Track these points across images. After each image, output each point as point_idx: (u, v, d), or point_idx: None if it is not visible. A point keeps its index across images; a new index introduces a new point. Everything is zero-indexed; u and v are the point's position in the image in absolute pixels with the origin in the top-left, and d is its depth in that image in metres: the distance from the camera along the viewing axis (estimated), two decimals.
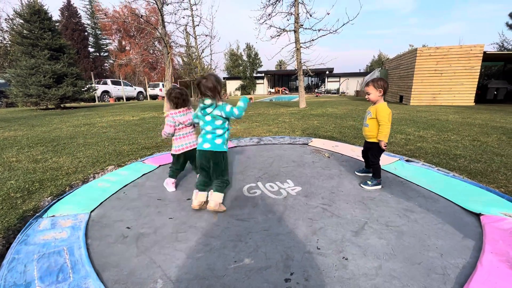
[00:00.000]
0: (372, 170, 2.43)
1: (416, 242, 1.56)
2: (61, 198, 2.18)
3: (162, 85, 22.33)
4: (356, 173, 2.71)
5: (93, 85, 13.84)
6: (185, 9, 11.32)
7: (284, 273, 1.33)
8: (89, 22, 33.35)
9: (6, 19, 18.68)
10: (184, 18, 11.81)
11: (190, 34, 12.53)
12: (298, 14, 9.00)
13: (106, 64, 35.00)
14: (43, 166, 3.05)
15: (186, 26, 11.91)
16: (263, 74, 32.86)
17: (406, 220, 1.82)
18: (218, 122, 1.91)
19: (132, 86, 21.79)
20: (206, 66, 13.68)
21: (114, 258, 1.47)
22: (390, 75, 14.18)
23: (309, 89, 33.08)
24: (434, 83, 10.46)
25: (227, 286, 1.25)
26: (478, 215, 1.82)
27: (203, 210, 2.02)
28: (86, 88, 11.90)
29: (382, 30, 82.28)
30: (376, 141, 2.31)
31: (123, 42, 34.18)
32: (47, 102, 10.54)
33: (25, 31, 10.35)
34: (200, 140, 1.98)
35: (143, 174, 2.78)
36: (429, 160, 3.12)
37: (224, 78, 34.08)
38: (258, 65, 34.45)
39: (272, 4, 9.39)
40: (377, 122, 2.27)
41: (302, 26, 9.21)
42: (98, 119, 7.35)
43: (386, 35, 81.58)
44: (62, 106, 11.29)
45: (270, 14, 9.51)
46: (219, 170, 1.96)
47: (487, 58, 10.74)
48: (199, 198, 2.03)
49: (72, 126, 6.17)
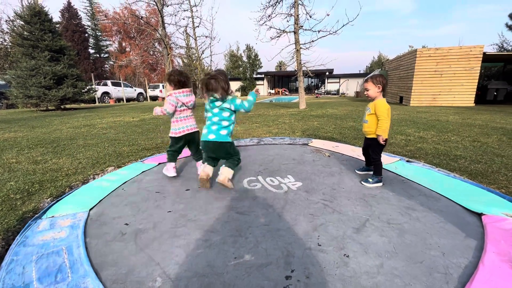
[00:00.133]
0: (373, 167, 2.43)
1: (418, 240, 1.55)
2: (60, 199, 2.17)
3: (162, 86, 22.38)
4: (356, 171, 2.70)
5: (93, 86, 13.85)
6: (185, 10, 11.38)
7: (284, 270, 1.32)
8: (89, 23, 33.45)
9: (6, 21, 18.75)
10: (184, 19, 11.89)
11: (190, 36, 12.58)
12: (298, 15, 9.03)
13: (106, 65, 35.07)
14: (43, 168, 3.04)
15: (186, 27, 11.97)
16: (263, 75, 32.92)
17: (408, 218, 1.80)
18: (226, 114, 1.97)
19: (132, 87, 21.82)
20: (206, 67, 13.72)
21: (112, 257, 1.45)
22: (390, 76, 14.20)
23: (309, 90, 33.13)
24: (434, 84, 10.47)
25: (227, 284, 1.23)
26: (479, 215, 1.81)
27: (203, 201, 2.01)
28: (86, 89, 11.91)
29: (381, 31, 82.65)
30: (375, 137, 2.31)
31: (123, 44, 34.32)
32: (47, 103, 10.54)
33: (25, 33, 10.37)
34: (205, 131, 2.00)
35: (142, 172, 2.78)
36: (429, 161, 3.11)
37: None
38: (258, 66, 34.52)
39: (272, 5, 9.42)
40: (376, 118, 2.28)
41: (302, 27, 9.23)
42: (98, 120, 7.35)
43: (386, 36, 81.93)
44: (62, 107, 11.30)
45: (270, 16, 9.54)
46: (229, 154, 2.03)
47: (487, 59, 10.76)
48: (206, 169, 2.09)
49: (72, 127, 6.17)
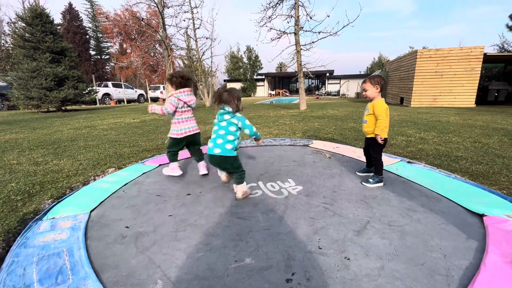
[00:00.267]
0: (374, 166, 2.44)
1: (419, 242, 1.54)
2: (61, 200, 2.17)
3: (163, 87, 22.41)
4: (357, 173, 2.70)
5: (94, 87, 13.87)
6: (185, 12, 11.42)
7: (285, 273, 1.31)
8: (90, 25, 33.55)
9: (8, 23, 18.85)
10: (184, 21, 11.89)
11: (190, 37, 12.61)
12: (298, 17, 9.04)
13: (107, 66, 35.14)
14: (44, 169, 3.04)
15: (187, 29, 12.01)
16: (264, 76, 32.96)
17: (409, 219, 1.80)
18: (232, 128, 2.03)
19: (133, 89, 21.86)
20: (206, 69, 13.74)
21: (113, 259, 1.45)
22: (390, 77, 14.20)
23: (309, 91, 33.14)
24: (434, 85, 10.47)
25: (228, 287, 1.23)
26: (481, 216, 1.80)
27: (204, 206, 2.04)
28: (87, 90, 11.94)
29: (382, 32, 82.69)
30: (375, 136, 2.33)
31: (124, 45, 34.41)
32: (48, 104, 10.57)
33: (27, 34, 10.42)
34: (210, 144, 2.06)
35: (143, 173, 2.78)
36: (430, 162, 3.11)
37: (224, 80, 34.19)
38: (258, 67, 34.56)
39: (272, 6, 9.43)
40: (374, 118, 2.31)
41: (302, 28, 9.24)
42: (99, 122, 7.36)
43: (386, 37, 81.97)
44: (63, 108, 11.33)
45: (270, 17, 9.56)
46: (233, 168, 2.11)
47: (488, 59, 10.75)
48: (226, 173, 2.30)
49: (73, 128, 6.18)
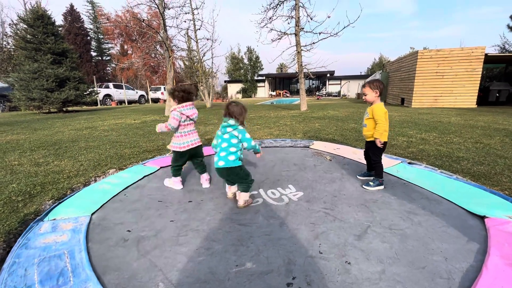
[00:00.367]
0: (374, 170, 2.44)
1: (420, 245, 1.54)
2: (62, 201, 2.18)
3: (164, 88, 22.45)
4: (358, 177, 2.68)
5: (95, 88, 13.91)
6: (186, 13, 11.42)
7: (286, 277, 1.31)
8: (91, 26, 33.66)
9: (10, 24, 18.90)
10: (185, 22, 11.89)
11: (191, 38, 12.64)
12: (299, 18, 9.04)
13: (108, 68, 35.23)
14: (45, 170, 3.05)
15: (188, 30, 12.03)
16: (264, 77, 32.97)
17: (410, 223, 1.80)
18: (234, 140, 2.11)
19: (134, 90, 21.90)
20: (207, 70, 13.76)
21: (114, 262, 1.45)
22: (391, 78, 14.19)
23: (310, 92, 33.12)
24: (435, 86, 10.45)
25: None
26: (482, 218, 1.80)
27: (205, 213, 2.04)
28: (88, 91, 11.96)
29: (382, 33, 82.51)
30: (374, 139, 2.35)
31: (125, 46, 34.48)
32: (50, 105, 10.60)
33: (28, 36, 10.45)
34: (216, 159, 2.15)
35: (144, 176, 2.78)
36: (431, 162, 3.10)
37: (225, 81, 34.22)
38: (259, 68, 34.57)
39: (273, 8, 9.44)
40: (374, 122, 2.33)
41: (303, 29, 9.25)
42: (100, 123, 7.38)
43: (387, 38, 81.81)
44: (64, 109, 11.35)
45: (271, 18, 9.56)
46: (240, 178, 2.17)
47: (489, 60, 10.73)
48: (232, 190, 2.33)
49: (74, 129, 6.20)
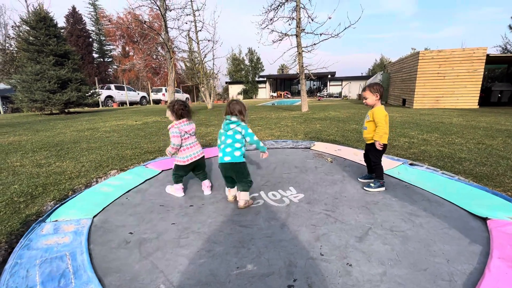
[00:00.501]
0: (374, 171, 2.44)
1: (421, 247, 1.53)
2: (64, 203, 2.18)
3: (165, 90, 22.51)
4: (359, 179, 2.67)
5: (97, 90, 13.98)
6: (187, 14, 11.48)
7: (287, 279, 1.31)
8: (93, 28, 33.83)
9: (13, 26, 19.01)
10: (187, 23, 11.97)
11: (192, 40, 12.68)
12: (299, 19, 9.05)
13: (110, 69, 35.38)
14: (47, 171, 3.06)
15: (189, 31, 12.07)
16: (265, 78, 33.00)
17: (411, 224, 1.79)
18: (238, 136, 2.18)
19: (135, 91, 21.97)
20: (208, 71, 13.79)
21: (116, 263, 1.46)
22: (392, 79, 14.16)
23: (311, 93, 33.11)
24: (437, 86, 10.42)
25: None
26: (484, 220, 1.79)
27: (206, 216, 2.04)
28: (90, 93, 12.02)
29: (383, 34, 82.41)
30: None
31: (127, 48, 34.63)
32: (52, 107, 10.66)
33: (31, 38, 10.52)
34: (220, 154, 2.21)
35: (146, 180, 2.79)
36: (433, 163, 3.09)
37: (226, 82, 34.29)
38: (260, 69, 34.60)
39: (274, 9, 9.45)
40: (374, 124, 2.35)
41: (303, 30, 9.25)
42: (102, 124, 7.40)
43: (388, 39, 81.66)
44: (66, 111, 11.41)
45: (272, 19, 9.58)
46: (242, 176, 2.21)
47: (490, 60, 10.70)
48: (232, 193, 2.35)
49: (75, 130, 6.22)
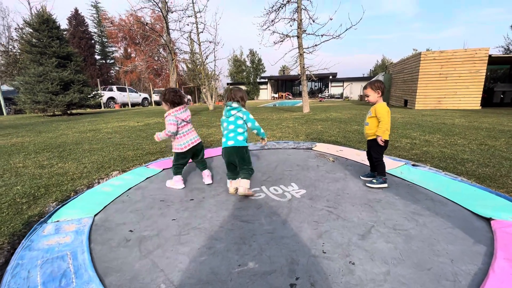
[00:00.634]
0: (376, 168, 2.45)
1: (425, 246, 1.52)
2: (65, 203, 2.18)
3: None
4: (361, 177, 2.67)
5: (99, 91, 14.02)
6: (189, 16, 11.52)
7: (289, 277, 1.30)
8: (96, 30, 34.05)
9: (16, 28, 19.17)
10: (188, 25, 12.00)
11: (194, 41, 12.71)
12: (301, 20, 9.06)
13: (112, 71, 35.56)
14: (49, 172, 3.07)
15: (191, 33, 12.11)
16: (267, 80, 33.05)
17: (414, 223, 1.77)
18: (240, 121, 2.25)
19: (137, 93, 22.05)
20: (210, 72, 13.82)
21: (116, 262, 1.45)
22: (394, 79, 14.13)
23: (312, 94, 33.11)
24: (439, 87, 10.38)
25: None
26: (488, 220, 1.77)
27: (207, 210, 2.06)
28: (92, 94, 12.06)
29: (385, 34, 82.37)
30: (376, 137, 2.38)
31: (129, 50, 34.80)
32: (54, 108, 10.70)
33: (34, 40, 10.59)
34: (224, 139, 2.27)
35: (147, 178, 2.79)
36: (435, 164, 3.07)
37: (228, 84, 34.36)
38: (261, 70, 34.66)
39: (275, 10, 9.47)
40: (376, 121, 2.38)
41: (305, 31, 9.26)
42: (104, 125, 7.42)
43: (390, 40, 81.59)
44: (68, 112, 11.45)
45: (273, 21, 9.59)
46: (244, 161, 2.25)
47: (493, 61, 10.65)
48: (233, 184, 2.37)
49: (78, 132, 6.24)
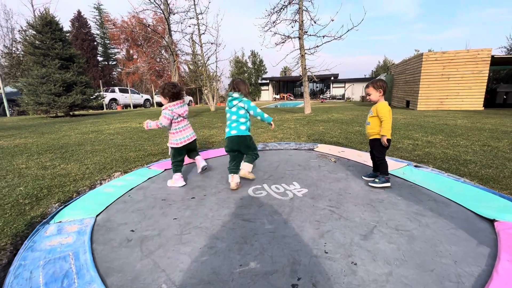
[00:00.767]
0: (379, 167, 2.45)
1: (428, 247, 1.51)
2: (68, 204, 2.19)
3: None
4: (363, 177, 2.66)
5: (101, 93, 14.09)
6: (191, 18, 11.57)
7: (291, 278, 1.29)
8: (98, 32, 34.25)
9: (19, 31, 19.34)
10: (190, 26, 12.06)
11: (196, 42, 12.75)
12: (302, 21, 9.08)
13: (114, 72, 35.70)
14: (52, 173, 3.08)
15: (192, 34, 12.15)
16: (268, 81, 33.10)
17: (417, 224, 1.76)
18: (242, 111, 2.29)
19: (139, 94, 22.13)
20: (211, 74, 13.85)
21: (118, 263, 1.45)
22: (396, 80, 14.10)
23: (314, 95, 33.09)
24: (441, 88, 10.34)
25: None
26: (492, 221, 1.76)
27: (208, 208, 2.05)
28: (94, 96, 12.11)
29: (387, 35, 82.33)
30: (378, 137, 2.39)
31: (131, 51, 34.97)
32: (57, 110, 10.76)
33: (37, 42, 10.66)
34: (227, 129, 2.32)
35: (149, 178, 2.80)
36: (438, 165, 3.05)
37: (229, 85, 34.40)
38: (263, 71, 34.73)
39: (276, 12, 9.49)
40: (378, 120, 2.37)
41: (306, 32, 9.27)
42: (106, 126, 7.45)
43: (391, 41, 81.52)
44: (71, 113, 11.51)
45: (274, 22, 9.61)
46: (249, 148, 2.33)
47: (495, 62, 10.60)
48: (235, 180, 2.34)
49: (80, 133, 6.27)
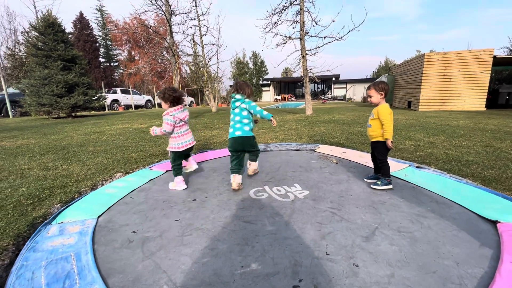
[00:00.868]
0: (380, 169, 2.44)
1: (430, 249, 1.50)
2: (70, 205, 2.20)
3: None
4: (364, 179, 2.65)
5: (103, 94, 14.14)
6: (192, 19, 11.61)
7: (292, 279, 1.29)
8: (100, 33, 34.43)
9: (22, 32, 19.46)
10: (191, 28, 12.02)
11: (197, 44, 12.80)
12: (303, 22, 9.08)
13: (116, 73, 35.85)
14: (54, 174, 3.09)
15: (194, 35, 12.20)
16: (269, 82, 33.12)
17: (419, 225, 1.76)
18: (244, 113, 2.33)
19: (140, 95, 22.22)
20: (213, 75, 13.88)
21: (119, 264, 1.46)
22: (397, 81, 14.07)
23: (315, 95, 33.08)
24: (443, 89, 10.31)
25: None
26: (494, 223, 1.75)
27: (209, 210, 2.05)
28: (96, 97, 12.16)
29: (388, 36, 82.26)
30: (380, 139, 2.39)
31: (133, 52, 35.13)
32: (59, 111, 10.82)
33: (39, 43, 10.73)
34: (231, 130, 2.36)
35: (150, 180, 2.80)
36: (440, 166, 3.04)
37: (230, 86, 34.45)
38: (264, 72, 34.74)
39: (278, 12, 9.51)
40: (379, 122, 2.37)
41: (307, 33, 9.28)
42: (108, 127, 7.48)
43: (393, 41, 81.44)
44: (73, 114, 11.57)
45: (276, 23, 9.63)
46: (254, 147, 2.43)
47: (498, 62, 10.56)
48: (237, 180, 2.36)
49: (82, 134, 6.29)
